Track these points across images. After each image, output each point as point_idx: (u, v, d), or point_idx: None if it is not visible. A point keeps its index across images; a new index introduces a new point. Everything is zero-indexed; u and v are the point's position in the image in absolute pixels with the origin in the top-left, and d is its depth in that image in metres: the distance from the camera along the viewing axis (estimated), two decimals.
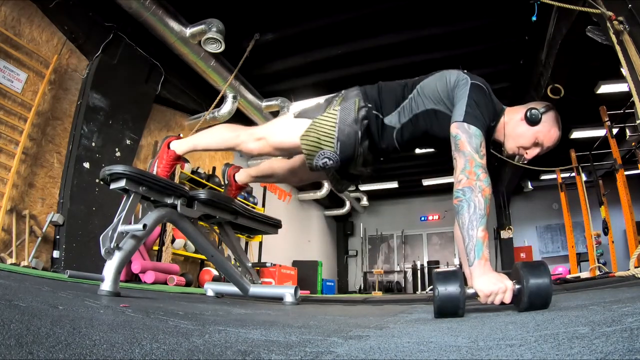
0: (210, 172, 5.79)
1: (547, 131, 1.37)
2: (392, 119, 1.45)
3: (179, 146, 1.76)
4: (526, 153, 1.41)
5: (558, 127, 1.39)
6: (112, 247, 1.38)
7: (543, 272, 1.00)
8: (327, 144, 1.39)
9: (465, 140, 1.22)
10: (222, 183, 1.97)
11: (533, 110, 1.36)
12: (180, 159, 1.78)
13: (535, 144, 1.39)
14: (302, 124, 1.45)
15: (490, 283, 1.06)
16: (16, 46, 3.40)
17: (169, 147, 1.77)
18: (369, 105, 1.43)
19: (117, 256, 1.38)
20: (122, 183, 1.44)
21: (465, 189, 1.16)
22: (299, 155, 1.65)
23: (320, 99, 1.56)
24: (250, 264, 2.14)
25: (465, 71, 1.41)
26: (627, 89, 2.84)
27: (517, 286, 1.04)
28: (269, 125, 1.61)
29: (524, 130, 1.37)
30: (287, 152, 1.58)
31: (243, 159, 6.70)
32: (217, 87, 4.83)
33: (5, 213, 3.19)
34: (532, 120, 1.35)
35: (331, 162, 1.41)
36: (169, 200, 1.65)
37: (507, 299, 1.05)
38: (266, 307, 1.64)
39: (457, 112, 1.28)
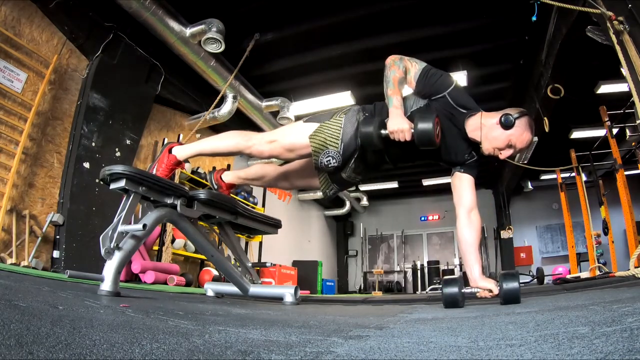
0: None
1: (520, 135, 1.56)
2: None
3: (181, 151, 1.81)
4: (500, 153, 1.61)
5: (530, 131, 1.58)
6: (112, 247, 1.38)
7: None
8: (332, 144, 1.61)
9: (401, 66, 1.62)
10: (213, 189, 2.04)
11: (507, 116, 1.55)
12: (180, 164, 1.82)
13: (509, 146, 1.58)
14: (311, 127, 1.67)
15: (397, 123, 1.47)
16: (16, 46, 3.40)
17: (170, 152, 1.81)
18: (367, 115, 1.68)
19: (117, 256, 1.38)
20: (122, 183, 1.44)
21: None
22: (296, 161, 1.87)
23: (325, 110, 1.83)
24: (250, 264, 2.14)
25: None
26: (627, 89, 2.84)
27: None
28: (280, 129, 1.82)
29: (499, 133, 1.57)
30: (295, 154, 1.72)
31: (243, 159, 6.71)
32: (217, 87, 4.83)
33: (5, 213, 3.19)
34: (506, 125, 1.55)
35: (334, 160, 1.62)
36: (169, 200, 1.65)
37: (407, 136, 1.47)
38: (266, 307, 1.64)
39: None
